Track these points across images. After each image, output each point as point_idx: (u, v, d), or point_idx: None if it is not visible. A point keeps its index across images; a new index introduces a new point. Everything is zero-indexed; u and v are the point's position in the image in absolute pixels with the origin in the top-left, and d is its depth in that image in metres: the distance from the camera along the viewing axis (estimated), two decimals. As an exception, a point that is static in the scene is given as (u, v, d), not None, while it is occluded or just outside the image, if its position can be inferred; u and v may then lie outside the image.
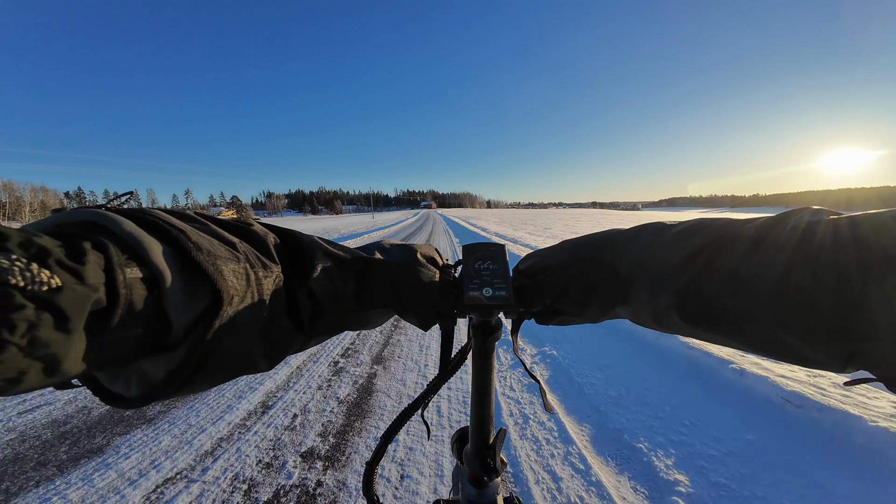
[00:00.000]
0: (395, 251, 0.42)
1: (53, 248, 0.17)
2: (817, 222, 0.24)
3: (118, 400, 0.23)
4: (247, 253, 0.27)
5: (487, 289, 0.40)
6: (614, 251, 0.37)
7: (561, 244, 0.42)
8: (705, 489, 1.45)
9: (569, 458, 1.65)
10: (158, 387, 0.22)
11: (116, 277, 0.19)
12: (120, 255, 0.20)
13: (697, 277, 0.28)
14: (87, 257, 0.18)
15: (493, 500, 0.44)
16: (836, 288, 0.21)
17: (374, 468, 0.45)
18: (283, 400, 2.25)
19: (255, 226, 0.31)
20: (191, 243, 0.23)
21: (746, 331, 0.25)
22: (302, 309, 0.31)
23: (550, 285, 0.40)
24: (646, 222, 0.37)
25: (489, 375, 0.44)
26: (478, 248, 0.44)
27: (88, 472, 1.62)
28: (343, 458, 1.71)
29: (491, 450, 0.45)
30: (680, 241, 0.31)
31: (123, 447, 1.79)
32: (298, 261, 0.33)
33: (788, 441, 1.67)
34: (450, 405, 2.12)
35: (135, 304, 0.20)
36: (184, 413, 2.09)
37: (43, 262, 0.17)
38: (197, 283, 0.23)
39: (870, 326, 0.20)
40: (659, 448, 1.69)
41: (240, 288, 0.25)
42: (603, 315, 0.38)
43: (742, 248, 0.26)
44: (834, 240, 0.22)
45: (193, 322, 0.23)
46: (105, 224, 0.21)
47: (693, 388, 2.16)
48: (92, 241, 0.19)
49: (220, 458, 1.71)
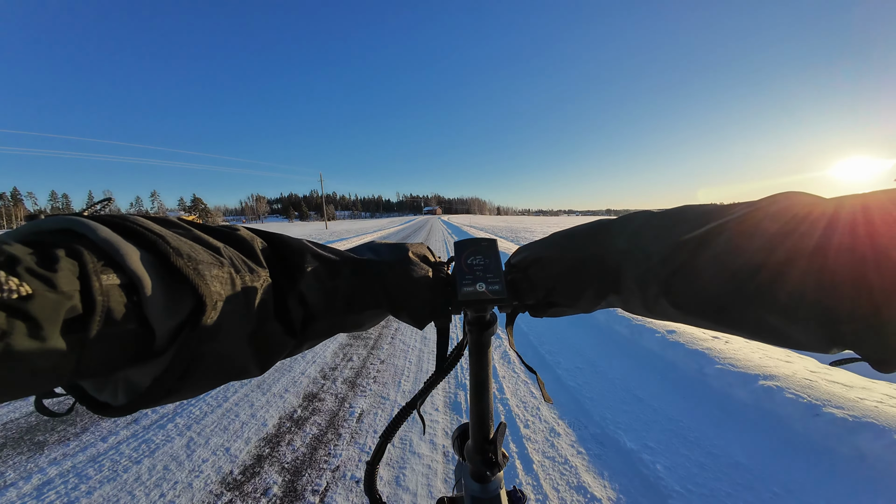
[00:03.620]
0: (386, 251, 0.42)
1: (24, 255, 0.17)
2: (800, 206, 0.24)
3: (105, 408, 0.23)
4: (232, 258, 0.27)
5: (481, 283, 0.40)
6: (604, 242, 0.37)
7: (551, 236, 0.42)
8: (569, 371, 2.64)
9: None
10: (145, 394, 0.22)
11: (92, 284, 0.18)
12: (95, 262, 0.19)
13: (684, 265, 0.28)
14: (59, 264, 0.18)
15: (497, 495, 0.44)
16: (819, 271, 0.21)
17: (374, 468, 0.45)
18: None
19: (240, 230, 0.31)
20: (170, 248, 0.22)
21: (734, 316, 0.25)
22: (293, 313, 0.31)
23: (542, 278, 0.40)
24: (634, 211, 0.37)
25: (486, 370, 0.44)
26: (469, 243, 0.44)
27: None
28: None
29: (492, 444, 0.45)
30: (666, 229, 0.31)
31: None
32: (287, 265, 0.32)
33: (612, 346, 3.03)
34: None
35: (114, 311, 0.19)
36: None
37: (12, 269, 0.16)
38: (178, 288, 0.22)
39: (855, 309, 0.20)
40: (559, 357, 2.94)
41: (224, 293, 0.25)
42: (595, 305, 0.39)
43: (727, 234, 0.26)
44: (816, 224, 0.22)
45: (177, 328, 0.22)
46: (81, 231, 0.21)
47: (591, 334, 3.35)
48: (66, 249, 0.19)
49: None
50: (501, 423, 0.46)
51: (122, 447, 1.79)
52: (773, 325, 0.24)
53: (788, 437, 1.70)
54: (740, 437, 1.76)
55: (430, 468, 1.65)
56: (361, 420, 2.02)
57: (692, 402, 2.10)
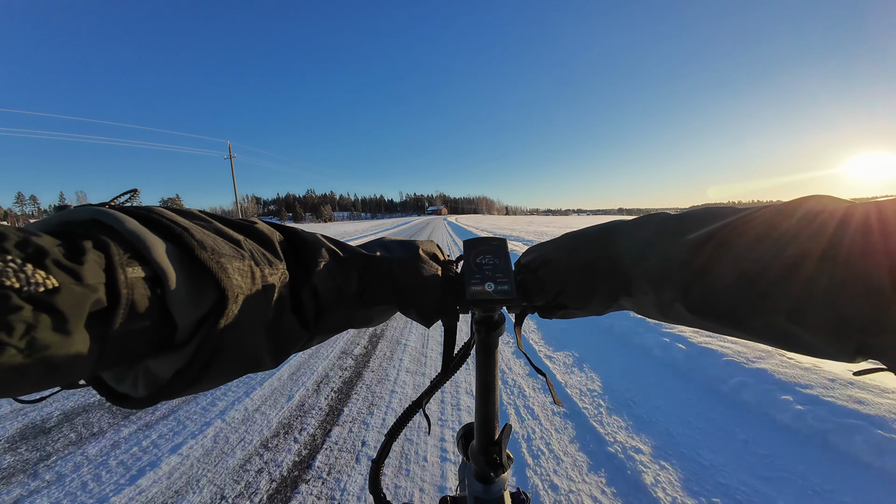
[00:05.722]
0: (397, 248, 0.42)
1: (52, 247, 0.17)
2: (829, 211, 0.23)
3: (125, 399, 0.23)
4: (252, 250, 0.27)
5: (490, 283, 0.39)
6: (617, 244, 0.36)
7: (563, 237, 0.42)
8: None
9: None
10: (166, 386, 0.22)
11: (117, 277, 0.19)
12: (122, 254, 0.19)
13: (703, 270, 0.27)
14: (86, 257, 0.18)
15: (500, 496, 0.44)
16: (848, 280, 0.20)
17: (379, 466, 0.45)
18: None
19: (259, 224, 0.31)
20: (195, 241, 0.23)
21: (755, 323, 0.25)
22: (306, 306, 0.31)
23: (552, 279, 0.39)
24: (647, 213, 0.37)
25: (493, 371, 0.44)
26: (479, 242, 0.44)
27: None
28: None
29: (496, 445, 0.45)
30: (684, 232, 0.31)
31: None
32: (302, 258, 0.33)
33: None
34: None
35: (137, 303, 0.19)
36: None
37: (40, 262, 0.16)
38: (201, 281, 0.22)
39: (880, 319, 0.19)
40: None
41: (245, 286, 0.25)
42: (606, 308, 0.38)
43: (749, 238, 0.25)
44: (846, 230, 0.21)
45: (200, 320, 0.22)
46: (108, 222, 0.21)
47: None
48: (93, 240, 0.19)
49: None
50: (507, 425, 0.46)
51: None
52: (796, 334, 0.23)
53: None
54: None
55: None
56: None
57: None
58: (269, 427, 1.96)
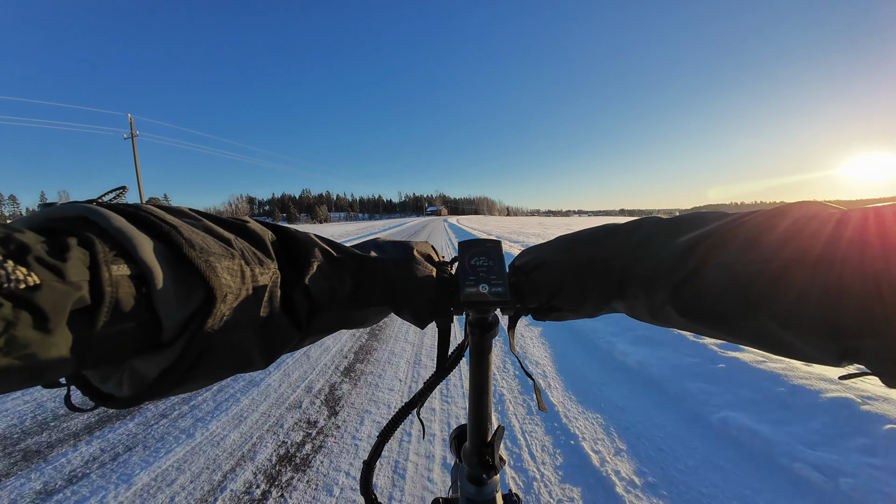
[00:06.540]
0: (391, 249, 0.42)
1: (35, 244, 0.17)
2: (819, 217, 0.24)
3: (109, 399, 0.22)
4: (242, 249, 0.27)
5: (484, 285, 0.39)
6: (610, 247, 0.37)
7: (557, 240, 0.42)
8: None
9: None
10: (152, 386, 0.22)
11: (101, 275, 0.18)
12: (107, 252, 0.19)
13: (693, 274, 0.28)
14: (69, 254, 0.18)
15: (492, 498, 0.44)
16: (836, 286, 0.20)
17: (371, 467, 0.45)
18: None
19: (251, 223, 0.31)
20: (182, 239, 0.22)
21: (743, 327, 0.25)
22: (299, 306, 0.31)
23: (546, 282, 0.39)
24: (641, 217, 0.37)
25: (486, 373, 0.44)
26: (473, 244, 0.44)
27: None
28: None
29: (489, 447, 0.45)
30: (676, 236, 0.31)
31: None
32: (294, 258, 0.32)
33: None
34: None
35: (122, 302, 0.19)
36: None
37: (21, 258, 0.16)
38: (189, 280, 0.22)
39: (866, 324, 0.20)
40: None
41: (234, 285, 0.24)
42: (599, 311, 0.39)
43: (739, 243, 0.26)
44: (834, 236, 0.22)
45: (187, 320, 0.22)
46: (94, 219, 0.21)
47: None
48: (78, 238, 0.19)
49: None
50: (500, 427, 0.46)
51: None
52: (783, 338, 0.23)
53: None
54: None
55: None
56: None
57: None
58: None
